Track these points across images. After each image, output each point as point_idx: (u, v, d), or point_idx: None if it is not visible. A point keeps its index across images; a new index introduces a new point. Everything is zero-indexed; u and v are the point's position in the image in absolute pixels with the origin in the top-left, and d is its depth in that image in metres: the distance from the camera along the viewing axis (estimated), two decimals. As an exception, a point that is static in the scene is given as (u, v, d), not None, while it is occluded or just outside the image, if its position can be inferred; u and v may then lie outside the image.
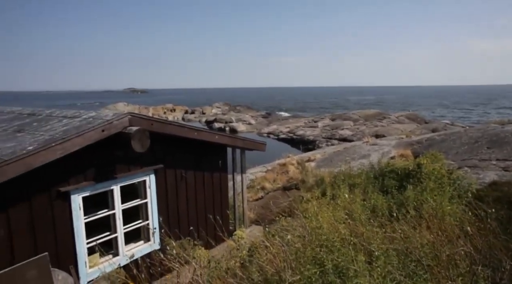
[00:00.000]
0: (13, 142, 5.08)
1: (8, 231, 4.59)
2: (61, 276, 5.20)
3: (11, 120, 6.88)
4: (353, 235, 3.55)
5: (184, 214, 6.93)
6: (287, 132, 42.06)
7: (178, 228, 6.61)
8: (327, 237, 3.50)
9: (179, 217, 6.83)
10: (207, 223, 7.37)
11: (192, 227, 6.92)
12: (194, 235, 6.65)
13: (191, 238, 5.89)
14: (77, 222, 5.34)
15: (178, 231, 6.41)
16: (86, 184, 5.37)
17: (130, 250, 6.18)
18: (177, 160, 6.72)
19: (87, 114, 6.08)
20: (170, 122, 6.43)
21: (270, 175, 14.36)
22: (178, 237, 6.03)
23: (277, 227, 4.66)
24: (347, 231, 3.69)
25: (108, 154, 5.57)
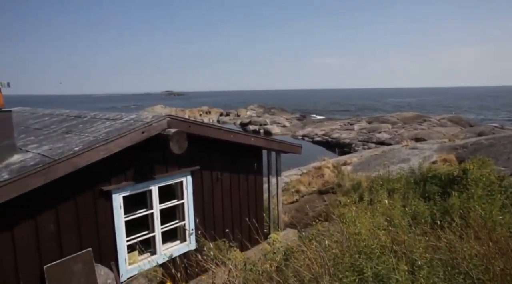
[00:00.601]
0: (62, 143, 5.37)
1: (57, 226, 4.85)
2: (103, 271, 5.41)
3: (60, 122, 7.28)
4: (394, 242, 3.40)
5: (220, 216, 7.00)
6: (322, 134, 41.47)
7: (214, 229, 6.68)
8: (366, 243, 3.38)
9: (215, 218, 6.90)
10: (242, 225, 7.39)
11: (227, 229, 6.97)
12: (229, 237, 6.69)
13: (226, 240, 5.93)
14: (118, 220, 5.54)
15: (214, 232, 6.48)
16: (127, 184, 5.56)
17: (167, 249, 6.32)
18: (213, 162, 6.80)
19: (128, 116, 6.30)
20: (207, 124, 6.51)
21: (305, 178, 14.19)
22: (213, 238, 6.10)
23: (313, 231, 4.57)
24: (387, 238, 3.54)
25: (147, 155, 5.74)
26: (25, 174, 4.19)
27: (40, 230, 4.71)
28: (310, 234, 4.53)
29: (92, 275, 5.27)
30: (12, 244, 4.47)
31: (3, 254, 4.40)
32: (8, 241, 4.44)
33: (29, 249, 4.62)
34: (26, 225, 4.59)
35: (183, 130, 5.58)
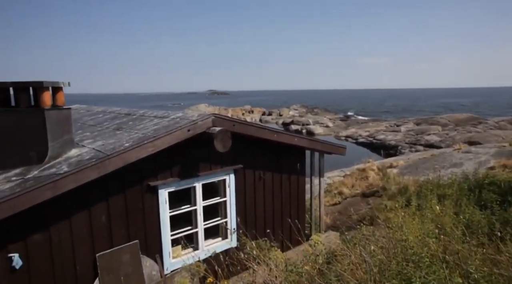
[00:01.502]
0: (113, 139, 5.66)
1: (108, 218, 5.12)
2: (148, 263, 5.64)
3: (112, 119, 7.69)
4: (446, 252, 3.19)
5: (261, 215, 7.02)
6: (367, 136, 40.23)
7: (255, 228, 6.71)
8: (414, 251, 3.21)
9: (256, 217, 6.93)
10: (283, 225, 7.36)
11: (268, 228, 6.97)
12: (270, 236, 6.69)
13: (267, 239, 5.92)
14: (163, 215, 5.74)
15: (255, 231, 6.51)
16: (172, 180, 5.74)
17: (208, 245, 6.45)
18: (256, 161, 6.82)
19: (175, 114, 6.51)
20: (251, 123, 6.55)
21: (348, 180, 13.84)
22: (254, 236, 6.12)
23: (357, 235, 4.43)
24: (438, 246, 3.33)
25: (192, 152, 5.89)
26: (82, 167, 4.47)
27: (93, 220, 5.00)
28: (354, 237, 4.39)
29: (138, 266, 5.51)
30: (70, 232, 4.79)
31: (63, 240, 4.73)
32: (67, 229, 4.76)
33: (84, 237, 4.92)
34: (82, 215, 4.90)
35: (228, 129, 5.66)
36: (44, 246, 4.61)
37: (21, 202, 4.07)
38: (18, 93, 5.19)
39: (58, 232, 4.71)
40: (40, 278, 4.60)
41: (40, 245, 4.58)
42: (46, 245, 4.63)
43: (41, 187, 4.22)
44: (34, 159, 5.10)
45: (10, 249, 4.34)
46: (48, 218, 4.61)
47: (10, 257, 4.32)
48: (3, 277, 4.33)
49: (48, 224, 4.63)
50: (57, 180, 4.32)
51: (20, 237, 4.42)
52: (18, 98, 5.20)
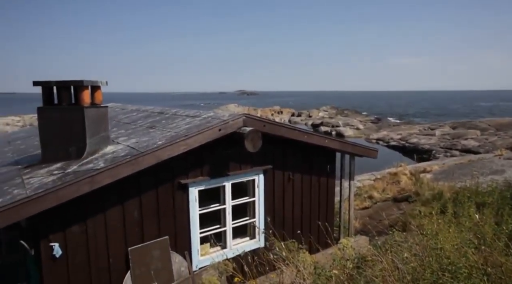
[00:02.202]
0: (147, 137, 5.82)
1: (140, 213, 5.27)
2: (177, 259, 5.75)
3: (146, 117, 7.91)
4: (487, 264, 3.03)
5: (289, 216, 6.98)
6: (399, 139, 39.05)
7: (283, 229, 6.67)
8: (451, 261, 3.07)
9: (284, 218, 6.90)
10: (311, 227, 7.28)
11: (297, 230, 6.92)
12: (298, 238, 6.63)
13: (295, 240, 5.88)
14: (193, 213, 5.83)
15: (283, 232, 6.46)
16: (202, 179, 5.82)
17: (236, 244, 6.49)
18: (286, 162, 6.79)
19: (206, 114, 6.60)
20: (282, 124, 6.54)
21: (379, 184, 13.48)
22: (282, 237, 6.09)
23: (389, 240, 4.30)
24: (478, 258, 3.16)
25: (222, 152, 5.94)
26: (117, 164, 4.63)
27: (126, 215, 5.16)
28: (386, 243, 4.26)
29: (168, 261, 5.63)
30: (105, 226, 4.97)
31: (98, 233, 4.92)
32: (102, 222, 4.95)
33: (117, 231, 5.10)
34: (116, 210, 5.07)
35: (258, 129, 5.67)
36: (81, 238, 4.81)
37: (61, 195, 4.28)
38: (60, 91, 5.46)
39: (93, 225, 4.90)
40: (77, 268, 4.81)
41: (77, 237, 4.78)
42: (83, 236, 4.83)
43: (80, 181, 4.40)
44: (74, 154, 5.35)
45: (51, 238, 4.57)
46: (85, 211, 4.81)
47: (51, 246, 4.54)
48: (45, 264, 4.56)
49: (85, 217, 4.82)
50: (94, 175, 4.50)
51: (60, 228, 4.64)
52: (60, 96, 5.46)
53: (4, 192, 4.44)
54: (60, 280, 4.69)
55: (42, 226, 4.54)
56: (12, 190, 4.47)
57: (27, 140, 8.55)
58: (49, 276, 4.62)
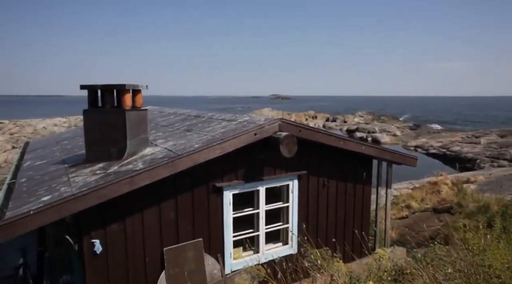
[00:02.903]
0: (184, 140, 5.96)
1: (175, 214, 5.39)
2: (210, 261, 5.81)
3: (182, 120, 8.10)
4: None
5: (323, 223, 6.86)
6: (439, 147, 37.35)
7: (316, 236, 6.58)
8: (502, 281, 2.86)
9: (318, 224, 6.79)
10: (346, 235, 7.12)
11: (330, 237, 6.79)
12: (332, 246, 6.51)
13: (329, 248, 5.77)
14: (227, 216, 5.88)
15: (316, 239, 6.38)
16: (237, 183, 5.86)
17: (269, 249, 6.46)
18: (321, 167, 6.70)
19: (242, 118, 6.65)
20: (318, 129, 6.46)
21: (417, 193, 12.94)
22: (315, 244, 5.99)
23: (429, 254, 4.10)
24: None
25: (257, 156, 5.96)
26: (155, 165, 4.77)
27: (162, 216, 5.29)
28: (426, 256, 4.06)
29: (201, 263, 5.70)
30: (142, 225, 5.13)
31: (135, 232, 5.09)
32: (139, 222, 5.11)
33: (153, 231, 5.24)
34: (153, 210, 5.21)
35: (294, 134, 5.63)
36: (119, 236, 4.99)
37: (103, 194, 4.47)
38: (104, 94, 5.72)
39: (132, 224, 5.07)
40: (116, 264, 4.99)
41: (117, 235, 4.97)
42: (121, 235, 5.01)
43: (120, 181, 4.58)
44: (115, 155, 5.57)
45: (93, 235, 4.78)
46: (124, 211, 4.98)
47: (93, 243, 4.75)
48: (87, 259, 4.77)
49: (123, 216, 5.00)
50: (133, 176, 4.66)
51: (101, 225, 4.85)
52: (104, 99, 5.72)
53: (53, 189, 4.71)
54: (100, 275, 4.89)
55: (85, 223, 4.75)
56: (59, 188, 4.73)
57: (73, 140, 9.04)
58: (90, 271, 4.83)
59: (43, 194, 4.67)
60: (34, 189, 5.08)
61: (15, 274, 6.49)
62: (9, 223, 3.90)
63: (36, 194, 4.75)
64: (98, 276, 4.88)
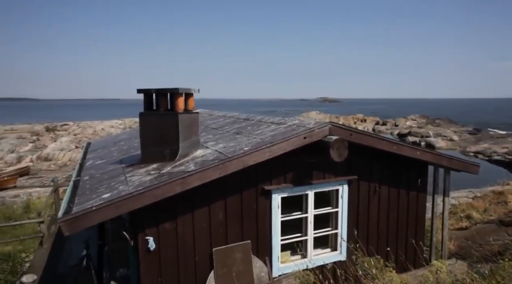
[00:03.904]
0: (234, 143, 6.05)
1: (224, 216, 5.48)
2: (258, 264, 5.83)
3: (232, 123, 8.24)
4: None
5: (374, 230, 6.60)
6: (504, 153, 34.43)
7: (367, 243, 6.33)
8: None
9: (368, 232, 6.55)
10: (398, 243, 6.78)
11: (381, 245, 6.51)
12: (383, 254, 6.24)
13: (380, 257, 5.53)
14: (275, 219, 5.86)
15: (367, 246, 6.14)
16: (285, 186, 5.83)
17: (317, 255, 6.34)
18: (372, 173, 6.46)
19: (291, 121, 6.62)
20: (369, 133, 6.25)
21: (479, 203, 12.00)
22: (365, 252, 5.78)
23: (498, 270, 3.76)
24: None
25: (306, 160, 5.88)
26: (206, 167, 4.89)
27: (212, 217, 5.40)
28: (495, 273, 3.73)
29: (249, 265, 5.74)
30: (192, 225, 5.28)
31: (186, 232, 5.25)
32: (190, 222, 5.26)
33: (203, 231, 5.37)
34: (203, 211, 5.34)
35: (344, 138, 5.49)
36: (171, 235, 5.17)
37: (157, 194, 4.66)
38: (159, 98, 5.98)
39: (183, 223, 5.23)
40: (167, 262, 5.17)
41: (169, 233, 5.15)
42: (173, 234, 5.19)
43: (173, 182, 4.75)
44: (168, 157, 5.80)
45: (147, 232, 5.00)
46: (176, 210, 5.16)
47: (147, 240, 4.97)
48: (142, 255, 5.01)
49: (175, 215, 5.18)
50: (185, 177, 4.81)
51: (154, 223, 5.06)
52: (158, 102, 5.99)
53: (112, 187, 5.00)
54: (153, 270, 5.10)
55: (140, 221, 4.99)
56: (118, 186, 5.01)
57: (129, 141, 9.56)
58: (144, 266, 5.05)
59: (104, 191, 4.97)
60: (95, 186, 5.43)
61: (80, 264, 7.03)
62: (76, 217, 4.20)
63: (98, 191, 5.08)
64: (152, 271, 5.10)
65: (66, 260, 8.10)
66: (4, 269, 7.48)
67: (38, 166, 31.99)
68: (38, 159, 33.68)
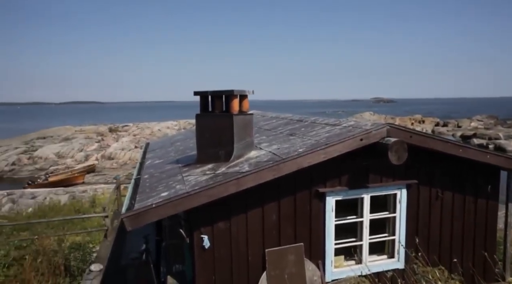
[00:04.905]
0: (288, 144, 6.02)
1: (278, 217, 5.47)
2: (311, 267, 5.73)
3: (285, 124, 8.21)
4: None
5: (436, 238, 6.18)
6: None
7: (427, 252, 5.95)
8: None
9: (429, 240, 6.15)
10: (464, 255, 6.29)
11: (445, 255, 6.08)
12: (447, 266, 5.82)
13: (444, 268, 5.17)
14: (329, 222, 5.73)
15: (427, 256, 5.77)
16: (340, 189, 5.68)
17: (372, 261, 6.09)
18: (434, 177, 6.06)
19: (347, 122, 6.43)
20: (432, 135, 5.87)
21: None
22: (426, 261, 5.44)
23: None
24: None
25: (362, 162, 5.68)
26: (261, 168, 4.91)
27: (265, 218, 5.42)
28: None
29: (301, 268, 5.67)
30: (246, 225, 5.33)
31: (239, 232, 5.32)
32: (243, 222, 5.32)
33: (256, 232, 5.40)
34: (256, 212, 5.38)
35: (404, 140, 5.22)
36: (225, 234, 5.27)
37: (212, 193, 4.78)
38: (214, 100, 6.14)
39: (236, 223, 5.30)
40: (221, 261, 5.28)
41: (223, 233, 5.25)
42: (227, 233, 5.28)
43: (227, 182, 4.84)
44: (222, 157, 5.92)
45: (202, 231, 5.14)
46: (230, 210, 5.25)
47: (202, 238, 5.12)
48: (197, 252, 5.16)
49: (229, 215, 5.26)
50: (240, 178, 4.88)
51: (209, 222, 5.19)
52: (214, 104, 6.14)
53: (170, 186, 5.22)
54: (208, 268, 5.23)
55: (196, 219, 5.14)
56: (175, 185, 5.22)
57: (184, 142, 9.93)
58: (199, 263, 5.20)
59: (162, 190, 5.21)
60: (154, 185, 5.71)
61: (140, 258, 7.46)
62: (137, 214, 4.45)
63: (157, 189, 5.33)
64: (206, 269, 5.23)
65: (127, 253, 8.62)
66: (76, 257, 8.19)
67: (102, 164, 34.51)
68: (102, 157, 36.32)
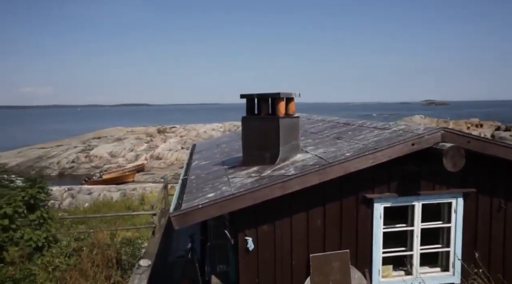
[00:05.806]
0: (334, 148, 5.89)
1: (323, 222, 5.36)
2: (357, 275, 5.55)
3: (331, 128, 8.05)
4: None
5: (498, 253, 5.71)
6: None
7: (487, 267, 5.52)
8: None
9: (490, 254, 5.69)
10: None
11: (509, 272, 5.60)
12: (510, 283, 5.37)
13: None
14: (377, 230, 5.52)
15: (487, 271, 5.35)
16: (389, 195, 5.44)
17: (424, 273, 5.76)
18: (495, 186, 5.61)
19: (397, 126, 6.17)
20: (494, 141, 5.45)
21: None
22: (487, 278, 5.05)
23: None
24: None
25: (413, 168, 5.41)
26: (306, 172, 4.85)
27: (310, 222, 5.33)
28: None
29: (347, 275, 5.50)
30: (290, 229, 5.29)
31: (284, 235, 5.28)
32: (288, 226, 5.28)
33: (300, 236, 5.33)
34: (301, 216, 5.31)
35: (460, 146, 4.89)
36: (269, 237, 5.26)
37: (257, 196, 4.79)
38: (260, 102, 6.17)
39: (281, 227, 5.27)
40: (265, 263, 5.27)
41: (267, 235, 5.25)
42: (271, 236, 5.26)
43: (273, 185, 4.83)
44: (268, 160, 5.93)
45: (246, 233, 5.18)
46: (274, 214, 5.23)
47: (246, 240, 5.15)
48: (241, 254, 5.21)
49: (274, 218, 5.24)
50: (285, 181, 4.85)
51: (253, 225, 5.20)
52: (260, 107, 6.17)
53: (216, 188, 5.32)
54: (251, 270, 5.25)
55: (240, 221, 5.19)
56: (221, 187, 5.31)
57: (230, 144, 10.09)
58: (243, 265, 5.24)
59: (208, 191, 5.32)
60: (201, 186, 5.84)
61: (186, 256, 7.69)
62: (184, 213, 4.58)
63: (203, 190, 5.45)
64: (250, 271, 5.25)
65: (174, 250, 8.93)
66: (126, 252, 8.65)
67: (151, 163, 36.12)
68: (151, 157, 38.01)
